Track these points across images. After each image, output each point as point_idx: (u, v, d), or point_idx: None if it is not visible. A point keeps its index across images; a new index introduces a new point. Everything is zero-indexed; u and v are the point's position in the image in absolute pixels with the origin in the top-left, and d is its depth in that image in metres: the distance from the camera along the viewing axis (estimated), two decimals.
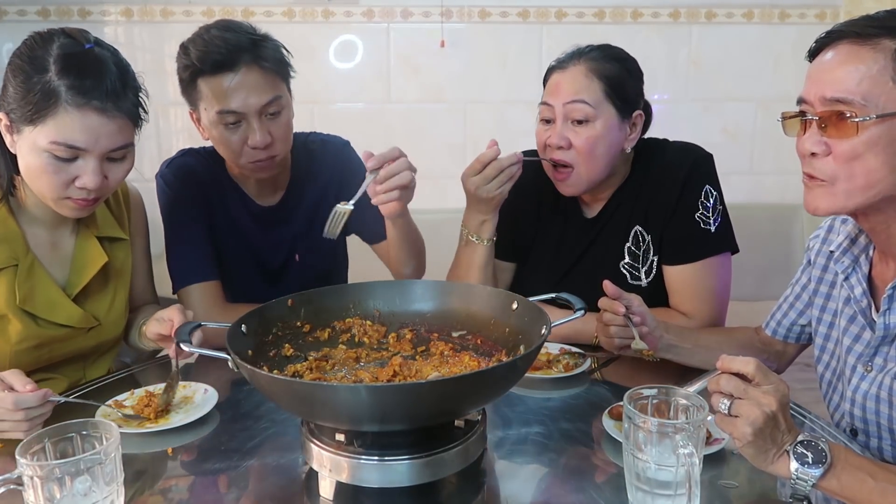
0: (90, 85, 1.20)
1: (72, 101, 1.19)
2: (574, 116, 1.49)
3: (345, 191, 1.69)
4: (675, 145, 1.62)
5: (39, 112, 1.19)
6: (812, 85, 1.05)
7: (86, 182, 1.23)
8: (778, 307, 1.43)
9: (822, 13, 2.81)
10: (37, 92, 1.18)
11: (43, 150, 1.21)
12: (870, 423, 1.15)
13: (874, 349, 1.15)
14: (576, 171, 1.52)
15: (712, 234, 1.53)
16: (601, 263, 1.61)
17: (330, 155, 1.74)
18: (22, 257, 1.31)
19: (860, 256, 1.20)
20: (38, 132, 1.20)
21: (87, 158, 1.23)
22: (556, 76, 1.54)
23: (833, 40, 1.04)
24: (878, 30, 1.00)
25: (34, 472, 0.84)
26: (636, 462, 0.92)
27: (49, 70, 1.19)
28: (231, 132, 1.50)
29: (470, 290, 1.29)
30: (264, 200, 1.71)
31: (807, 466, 0.90)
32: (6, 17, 2.62)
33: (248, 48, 1.48)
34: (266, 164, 1.56)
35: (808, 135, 1.05)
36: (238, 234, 1.69)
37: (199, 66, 1.47)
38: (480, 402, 1.01)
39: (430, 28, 2.70)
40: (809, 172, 1.07)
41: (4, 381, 1.12)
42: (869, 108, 0.98)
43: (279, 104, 1.52)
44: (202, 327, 1.18)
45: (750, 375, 0.91)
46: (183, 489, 1.04)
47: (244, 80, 1.47)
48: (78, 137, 1.20)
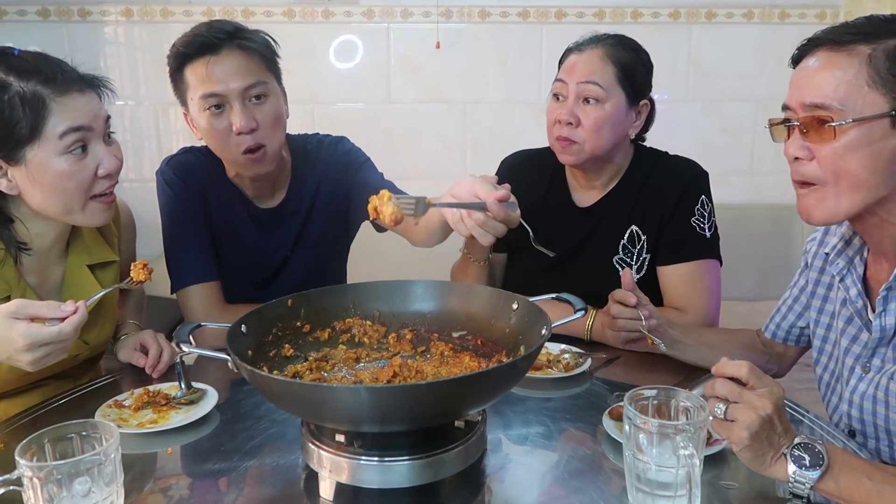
0: (57, 73, 1.21)
1: (56, 93, 1.20)
2: (586, 95, 1.55)
3: (342, 183, 1.69)
4: (677, 158, 1.68)
5: (35, 120, 1.18)
6: (793, 91, 1.08)
7: (107, 166, 1.26)
8: (777, 310, 1.43)
9: (822, 13, 2.82)
10: (17, 106, 1.17)
11: (57, 153, 1.20)
12: (867, 423, 1.15)
13: (872, 350, 1.15)
14: (579, 144, 1.57)
15: (707, 238, 1.59)
16: (596, 256, 1.66)
17: (324, 151, 1.73)
18: (14, 286, 1.30)
19: (855, 258, 1.21)
20: (44, 140, 1.19)
21: (95, 143, 1.25)
22: (574, 56, 1.59)
23: (812, 47, 1.07)
24: (854, 36, 1.02)
25: (34, 473, 0.84)
26: (637, 463, 0.91)
27: (11, 84, 1.18)
28: (216, 119, 1.50)
29: (470, 290, 1.29)
30: (264, 202, 1.70)
31: (804, 469, 0.90)
32: (6, 17, 2.62)
33: (232, 34, 1.50)
34: (257, 155, 1.53)
35: (791, 140, 1.08)
36: (236, 234, 1.68)
37: (183, 50, 1.49)
38: (481, 403, 1.01)
39: (431, 28, 2.70)
40: (797, 178, 1.09)
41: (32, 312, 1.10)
42: (846, 113, 1.01)
43: (264, 89, 1.52)
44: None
45: (743, 379, 0.92)
46: (183, 489, 1.04)
47: (226, 62, 1.48)
48: (80, 119, 1.21)
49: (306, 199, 1.71)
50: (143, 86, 2.68)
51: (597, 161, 1.61)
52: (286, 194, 1.70)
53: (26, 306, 1.09)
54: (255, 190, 1.68)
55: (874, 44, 1.00)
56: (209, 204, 1.66)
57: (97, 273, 1.41)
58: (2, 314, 1.08)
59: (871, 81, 1.00)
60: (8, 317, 1.07)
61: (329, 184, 1.70)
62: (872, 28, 1.02)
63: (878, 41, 1.00)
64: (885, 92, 0.99)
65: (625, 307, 1.36)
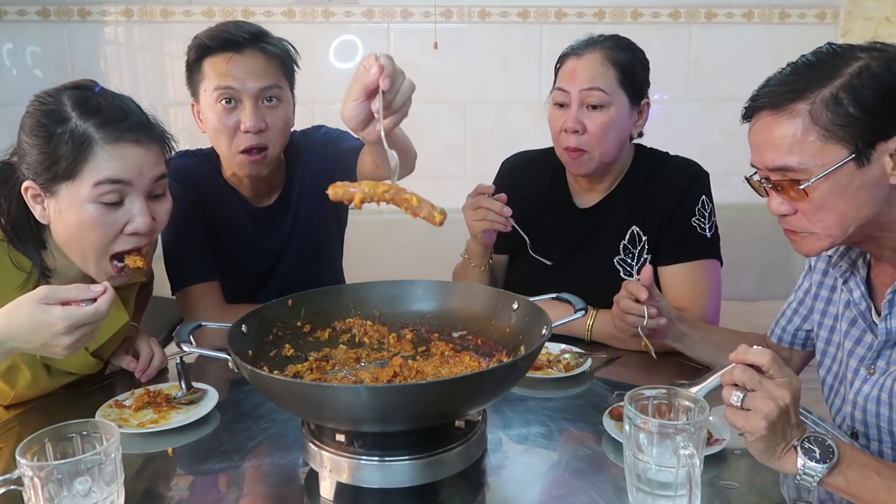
0: (118, 118, 1.18)
1: (106, 139, 1.16)
2: (590, 102, 1.54)
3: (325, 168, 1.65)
4: (678, 159, 1.68)
5: (75, 161, 1.15)
6: (755, 154, 1.10)
7: (137, 225, 1.20)
8: (782, 314, 1.43)
9: (822, 13, 2.81)
10: (65, 142, 1.15)
11: (88, 199, 1.17)
12: (870, 425, 1.15)
13: (877, 353, 1.15)
14: (588, 153, 1.57)
15: (708, 238, 1.59)
16: (597, 256, 1.66)
17: (308, 143, 1.75)
18: None
19: (857, 260, 1.21)
20: (79, 183, 1.16)
21: (133, 198, 1.20)
22: (572, 62, 1.57)
23: (754, 112, 1.09)
24: (788, 95, 1.03)
25: (34, 472, 0.84)
26: (637, 463, 0.91)
27: (70, 118, 1.16)
28: (226, 114, 1.52)
29: (470, 290, 1.29)
30: (260, 201, 1.71)
31: (814, 461, 0.89)
32: (6, 17, 2.62)
33: (257, 36, 1.53)
34: (257, 157, 1.55)
35: (771, 197, 1.10)
36: (235, 233, 1.69)
37: (207, 43, 1.51)
38: (481, 403, 1.01)
39: (431, 28, 2.70)
40: (787, 228, 1.11)
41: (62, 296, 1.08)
42: (810, 170, 1.02)
43: (278, 93, 1.55)
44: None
45: (765, 367, 0.91)
46: (183, 489, 1.04)
47: (247, 61, 1.51)
48: (122, 171, 1.17)
49: (299, 192, 1.73)
50: (143, 86, 2.69)
51: (605, 167, 1.61)
52: (281, 192, 1.73)
53: (55, 291, 1.07)
54: (253, 190, 1.69)
55: (810, 99, 1.01)
56: (207, 206, 1.67)
57: (122, 293, 1.39)
58: (32, 301, 1.06)
59: (821, 137, 1.01)
60: (39, 302, 1.06)
61: (314, 169, 1.71)
62: (802, 81, 1.03)
63: (812, 94, 1.01)
64: (838, 140, 1.00)
65: (634, 302, 1.33)
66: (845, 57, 1.02)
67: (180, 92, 2.69)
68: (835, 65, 1.02)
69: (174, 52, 2.68)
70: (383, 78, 1.02)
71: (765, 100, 1.06)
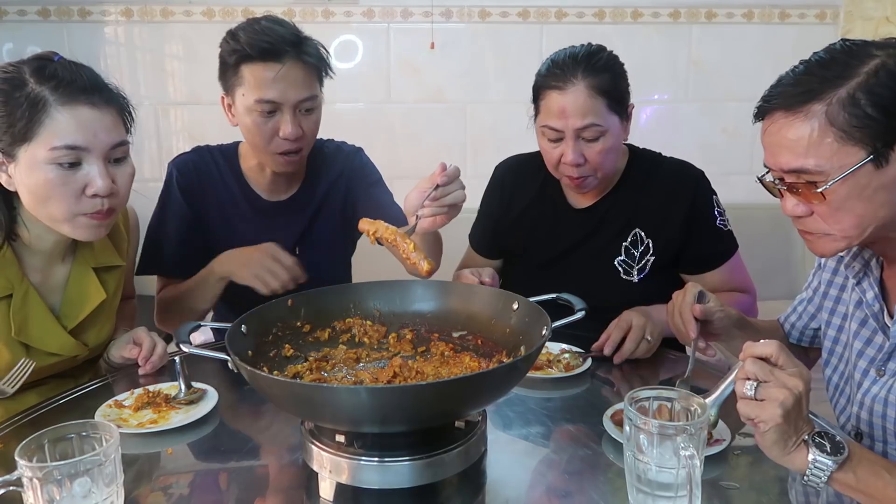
0: (72, 81, 1.20)
1: (60, 101, 1.19)
2: (585, 136, 1.53)
3: (352, 192, 1.77)
4: (673, 161, 1.70)
5: (31, 123, 1.17)
6: (769, 156, 1.07)
7: (97, 188, 1.22)
8: (793, 309, 1.43)
9: (822, 13, 2.81)
10: (22, 105, 1.17)
11: (44, 162, 1.19)
12: (875, 426, 1.15)
13: (888, 354, 1.13)
14: (591, 177, 1.58)
15: (728, 231, 1.66)
16: (596, 256, 1.66)
17: (342, 158, 1.80)
18: (17, 284, 1.29)
19: (871, 261, 1.19)
20: (35, 146, 1.19)
21: (91, 161, 1.22)
22: (557, 98, 1.52)
23: (767, 112, 1.05)
24: (804, 96, 1.00)
25: (33, 473, 0.84)
26: (637, 463, 0.91)
27: (28, 83, 1.19)
28: (265, 120, 1.56)
29: (470, 290, 1.29)
30: (275, 196, 1.74)
31: (825, 456, 0.89)
32: (6, 17, 2.62)
33: (295, 43, 1.54)
34: (292, 158, 1.62)
35: (786, 199, 1.08)
36: (238, 229, 1.70)
37: (247, 50, 1.52)
38: (481, 403, 1.01)
39: (431, 28, 2.70)
40: (802, 229, 1.09)
41: None
42: (827, 173, 0.99)
43: (314, 103, 1.59)
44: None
45: (773, 357, 0.91)
46: (183, 489, 1.04)
47: (287, 73, 1.53)
48: (76, 136, 1.20)
49: (317, 197, 1.76)
50: (143, 86, 2.68)
51: (605, 179, 1.63)
52: (298, 189, 1.76)
53: None
54: (272, 183, 1.73)
55: (826, 100, 0.98)
56: (208, 202, 1.70)
57: (102, 276, 1.41)
58: None
59: (838, 138, 0.98)
60: None
61: (341, 189, 1.77)
62: (817, 81, 0.99)
63: (828, 95, 0.98)
64: (855, 141, 0.97)
65: (682, 327, 1.29)
66: (860, 55, 0.99)
67: (180, 92, 2.70)
68: (849, 63, 0.99)
69: (174, 52, 2.68)
70: (442, 175, 1.22)
71: (778, 100, 1.03)
